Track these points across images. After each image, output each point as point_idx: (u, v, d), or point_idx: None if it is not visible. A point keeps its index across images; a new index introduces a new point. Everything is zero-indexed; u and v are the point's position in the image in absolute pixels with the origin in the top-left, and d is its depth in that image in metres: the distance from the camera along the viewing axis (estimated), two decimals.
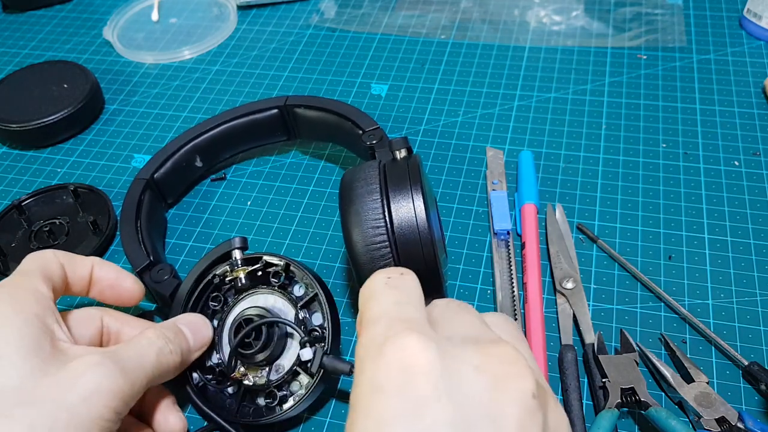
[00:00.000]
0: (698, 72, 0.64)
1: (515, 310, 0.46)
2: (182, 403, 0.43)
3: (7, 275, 0.52)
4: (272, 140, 0.58)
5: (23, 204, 0.57)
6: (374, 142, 0.48)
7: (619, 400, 0.40)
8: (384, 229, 0.39)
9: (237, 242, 0.42)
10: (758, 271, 0.48)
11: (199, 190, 0.58)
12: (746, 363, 0.42)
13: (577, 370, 0.43)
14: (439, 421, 0.22)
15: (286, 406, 0.40)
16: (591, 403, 0.42)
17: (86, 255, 0.52)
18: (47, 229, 0.54)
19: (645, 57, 0.67)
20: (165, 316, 0.48)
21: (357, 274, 0.40)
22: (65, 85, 0.65)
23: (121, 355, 0.34)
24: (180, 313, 0.42)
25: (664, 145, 0.58)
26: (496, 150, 0.58)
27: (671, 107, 0.61)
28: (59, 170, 0.61)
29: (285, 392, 0.40)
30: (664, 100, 0.62)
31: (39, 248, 0.54)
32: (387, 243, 0.39)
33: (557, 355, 0.44)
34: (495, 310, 0.47)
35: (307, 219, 0.55)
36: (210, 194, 0.58)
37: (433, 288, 0.40)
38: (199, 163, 0.56)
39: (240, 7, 0.78)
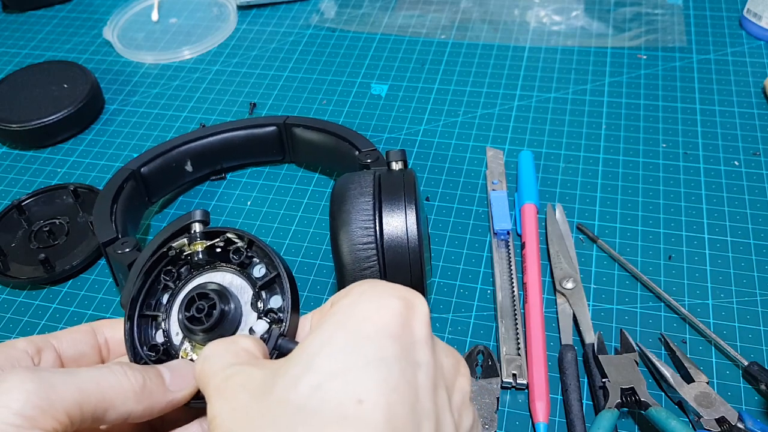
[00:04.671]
0: (698, 72, 0.64)
1: (515, 310, 0.46)
2: None
3: (7, 275, 0.52)
4: (266, 158, 0.58)
5: (23, 204, 0.57)
6: (369, 161, 0.47)
7: (619, 400, 0.40)
8: (372, 230, 0.39)
9: (198, 215, 0.40)
10: (758, 271, 0.48)
11: (199, 189, 0.58)
12: (746, 363, 0.42)
13: (577, 370, 0.43)
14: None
15: None
16: (591, 403, 0.42)
17: (85, 255, 0.52)
18: (47, 229, 0.54)
19: (645, 57, 0.67)
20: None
21: (338, 273, 0.39)
22: (65, 85, 0.65)
23: (58, 373, 0.29)
24: (134, 286, 0.38)
25: (664, 145, 0.58)
26: (496, 150, 0.58)
27: (671, 107, 0.61)
28: (59, 170, 0.61)
29: None
30: (664, 100, 0.62)
31: (39, 248, 0.54)
32: (374, 245, 0.39)
33: (557, 355, 0.44)
34: (495, 310, 0.47)
35: (307, 219, 0.55)
36: (210, 194, 0.58)
37: None
38: (189, 168, 0.56)
39: (240, 7, 0.78)
